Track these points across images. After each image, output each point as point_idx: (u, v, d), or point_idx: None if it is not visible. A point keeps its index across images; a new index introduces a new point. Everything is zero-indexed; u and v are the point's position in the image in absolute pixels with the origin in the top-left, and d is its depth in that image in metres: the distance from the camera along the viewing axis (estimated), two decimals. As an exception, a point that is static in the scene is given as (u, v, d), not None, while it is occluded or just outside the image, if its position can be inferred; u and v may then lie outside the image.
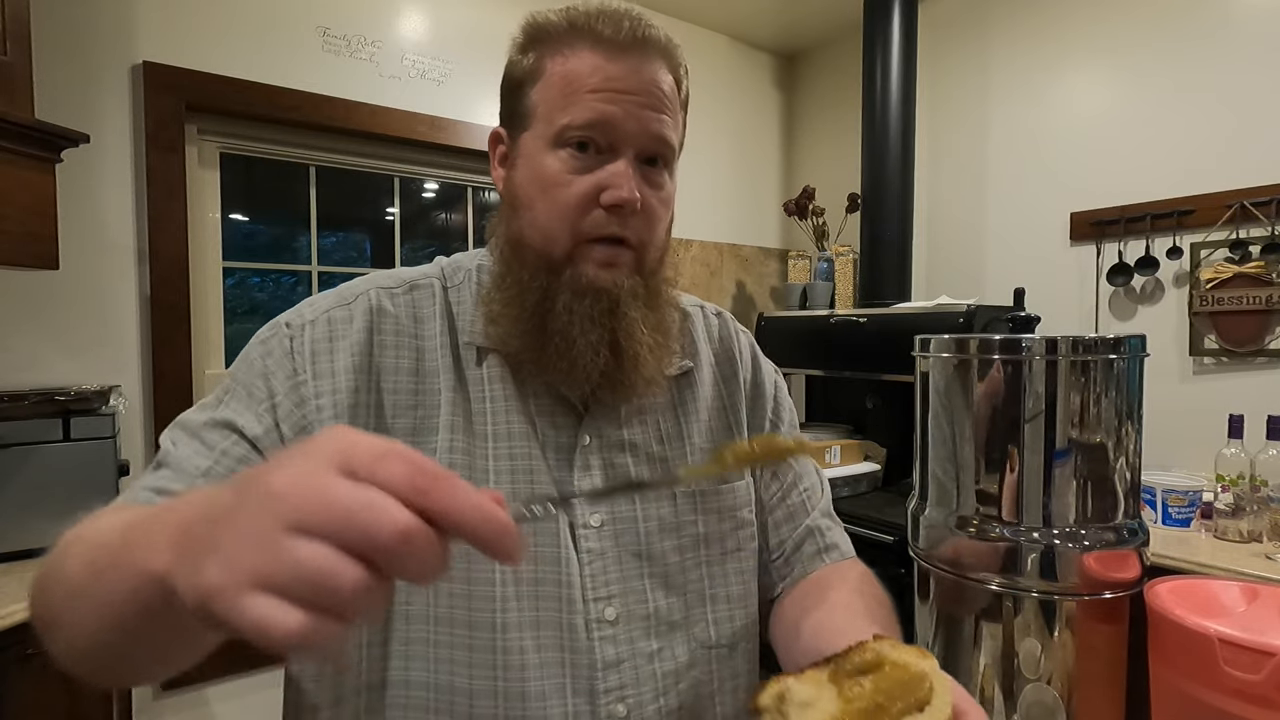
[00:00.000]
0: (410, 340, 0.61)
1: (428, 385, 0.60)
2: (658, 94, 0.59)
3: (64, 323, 1.63)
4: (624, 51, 0.58)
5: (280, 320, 0.60)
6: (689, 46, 3.04)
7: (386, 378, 0.59)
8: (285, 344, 0.58)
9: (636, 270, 0.61)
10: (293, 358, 0.57)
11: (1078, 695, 1.30)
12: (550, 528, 0.59)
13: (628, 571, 0.61)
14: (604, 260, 0.59)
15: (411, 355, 0.60)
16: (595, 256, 0.59)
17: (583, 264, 0.59)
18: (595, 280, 0.59)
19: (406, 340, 0.61)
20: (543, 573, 0.58)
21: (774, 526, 0.73)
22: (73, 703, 1.30)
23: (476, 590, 0.56)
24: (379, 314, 0.61)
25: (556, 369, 0.59)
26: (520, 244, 0.60)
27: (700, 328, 0.74)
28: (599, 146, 0.58)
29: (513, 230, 0.61)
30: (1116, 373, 1.30)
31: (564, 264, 0.59)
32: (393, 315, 0.61)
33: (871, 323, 2.19)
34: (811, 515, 0.73)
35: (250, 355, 0.58)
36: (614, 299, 0.59)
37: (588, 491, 0.62)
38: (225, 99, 1.82)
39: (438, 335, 0.61)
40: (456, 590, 0.56)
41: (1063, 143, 2.23)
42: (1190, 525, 1.70)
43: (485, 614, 0.55)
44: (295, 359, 0.57)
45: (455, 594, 0.56)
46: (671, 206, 0.64)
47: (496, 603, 0.56)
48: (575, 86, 0.57)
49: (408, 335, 0.61)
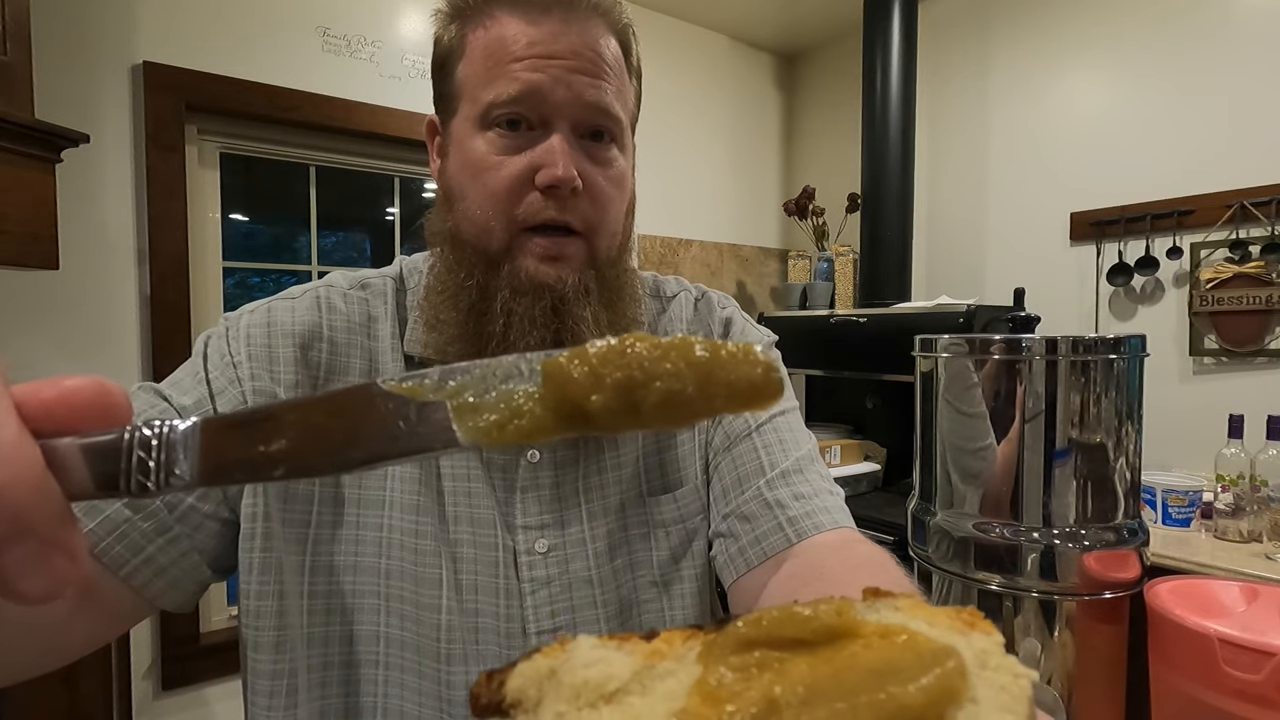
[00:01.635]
0: (362, 341, 0.57)
1: None
2: (591, 57, 0.51)
3: (64, 323, 1.63)
4: (547, 12, 0.51)
5: (221, 318, 0.57)
6: (689, 46, 3.02)
7: (335, 378, 0.55)
8: (221, 335, 0.55)
9: (590, 263, 0.54)
10: (227, 343, 0.54)
11: (1078, 695, 1.30)
12: (490, 556, 0.54)
13: (579, 600, 0.56)
14: (547, 253, 0.52)
15: (363, 357, 0.56)
16: (536, 249, 0.52)
17: (522, 258, 0.52)
18: (536, 276, 0.52)
19: (358, 340, 0.57)
20: (482, 604, 0.54)
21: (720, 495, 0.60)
22: (73, 702, 1.30)
23: (424, 616, 0.53)
24: (328, 310, 0.56)
25: None
26: (456, 240, 0.54)
27: (680, 316, 0.67)
28: (530, 122, 0.51)
29: (448, 225, 0.55)
30: (1116, 373, 1.30)
31: (502, 258, 0.52)
32: (343, 313, 0.57)
33: (871, 323, 2.19)
34: (768, 475, 0.58)
35: (192, 352, 0.55)
36: (558, 296, 0.52)
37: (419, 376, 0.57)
38: (225, 99, 1.82)
39: (388, 338, 0.57)
40: (406, 611, 0.53)
41: (1063, 143, 2.23)
42: (1190, 525, 1.70)
43: (430, 641, 0.53)
44: (230, 344, 0.53)
45: (405, 615, 0.53)
46: (626, 186, 0.57)
47: (441, 631, 0.53)
48: (498, 58, 0.51)
49: (359, 335, 0.57)
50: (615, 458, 0.60)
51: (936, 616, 0.20)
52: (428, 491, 0.55)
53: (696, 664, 0.19)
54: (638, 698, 0.18)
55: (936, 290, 2.54)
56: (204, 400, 0.51)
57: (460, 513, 0.55)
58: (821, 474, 0.60)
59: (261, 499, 0.52)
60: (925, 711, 0.15)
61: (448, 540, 0.54)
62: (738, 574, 0.56)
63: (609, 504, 0.59)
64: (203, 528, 0.50)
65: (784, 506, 0.56)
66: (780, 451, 0.59)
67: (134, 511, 0.46)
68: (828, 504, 0.57)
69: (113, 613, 0.47)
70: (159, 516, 0.48)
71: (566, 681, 0.19)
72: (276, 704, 0.52)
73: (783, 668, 0.18)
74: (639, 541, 0.60)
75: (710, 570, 0.62)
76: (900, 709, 0.15)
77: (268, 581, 0.52)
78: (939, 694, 0.15)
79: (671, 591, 0.60)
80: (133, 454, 0.21)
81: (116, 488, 0.21)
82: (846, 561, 0.51)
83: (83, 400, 0.21)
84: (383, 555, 0.54)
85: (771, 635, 0.19)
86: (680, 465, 0.62)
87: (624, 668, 0.19)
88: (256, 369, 0.53)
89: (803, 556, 0.53)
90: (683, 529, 0.61)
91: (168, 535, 0.48)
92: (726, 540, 0.58)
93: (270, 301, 0.56)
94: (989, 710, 0.15)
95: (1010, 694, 0.16)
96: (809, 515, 0.55)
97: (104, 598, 0.46)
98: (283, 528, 0.52)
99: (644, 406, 0.20)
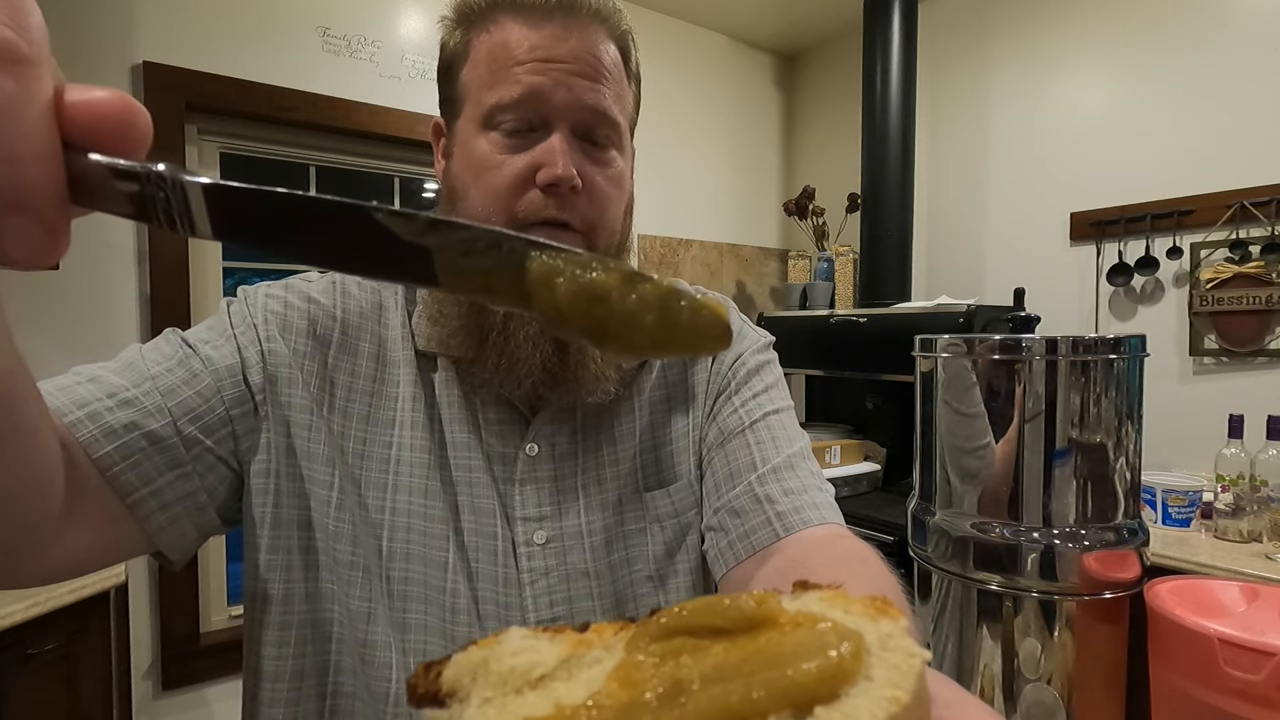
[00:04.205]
0: (373, 326, 0.59)
1: (388, 375, 0.58)
2: (591, 62, 0.53)
3: (64, 323, 1.63)
4: (548, 17, 0.53)
5: (240, 289, 0.59)
6: (689, 46, 3.02)
7: (345, 358, 0.57)
8: (241, 301, 0.57)
9: None
10: (247, 307, 0.56)
11: (1078, 695, 1.30)
12: (491, 545, 0.56)
13: (576, 591, 0.58)
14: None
15: (373, 342, 0.59)
16: None
17: None
18: None
19: (369, 325, 0.59)
20: (484, 590, 0.55)
21: (712, 490, 0.61)
22: (73, 702, 1.30)
23: (431, 595, 0.54)
24: (342, 294, 0.59)
25: (496, 367, 0.55)
26: None
27: None
28: (531, 124, 0.53)
29: None
30: (1116, 373, 1.30)
31: None
32: (356, 299, 0.59)
33: (871, 323, 2.20)
34: (760, 471, 0.59)
35: (216, 312, 0.58)
36: None
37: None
38: (225, 99, 1.82)
39: (398, 327, 0.59)
40: (413, 593, 0.54)
41: (1063, 143, 2.23)
42: (1190, 525, 1.70)
43: (437, 621, 0.54)
44: (250, 308, 0.56)
45: (411, 595, 0.54)
46: (625, 187, 0.59)
47: (447, 613, 0.54)
48: (501, 62, 0.53)
49: (370, 321, 0.59)
50: (613, 454, 0.62)
51: (853, 605, 0.21)
52: (435, 475, 0.56)
53: (622, 652, 0.20)
54: (562, 683, 0.19)
55: (936, 290, 2.54)
56: (233, 355, 0.53)
57: (463, 501, 0.56)
58: (812, 471, 0.60)
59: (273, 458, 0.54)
60: (818, 688, 0.16)
61: (455, 526, 0.56)
62: (727, 567, 0.57)
63: (606, 499, 0.60)
64: (214, 470, 0.51)
65: (773, 502, 0.56)
66: (773, 448, 0.60)
67: (150, 443, 0.47)
68: (816, 500, 0.57)
69: (107, 534, 0.46)
70: (174, 452, 0.49)
71: (495, 669, 0.20)
72: (285, 653, 0.54)
73: (698, 653, 0.18)
74: (635, 536, 0.61)
75: (704, 563, 0.63)
76: (794, 686, 0.16)
77: (279, 536, 0.54)
78: (832, 672, 0.16)
79: (667, 585, 0.62)
80: (151, 177, 0.23)
81: (130, 208, 0.23)
82: (830, 556, 0.51)
83: (108, 109, 0.23)
84: (393, 536, 0.55)
85: (692, 624, 0.20)
86: (675, 460, 0.63)
87: (551, 656, 0.20)
88: (272, 332, 0.55)
89: (789, 551, 0.53)
90: (677, 523, 0.62)
91: (179, 470, 0.49)
92: (717, 534, 0.59)
93: (288, 279, 0.59)
94: (880, 686, 0.16)
95: (901, 671, 0.17)
96: (797, 511, 0.56)
97: (102, 514, 0.46)
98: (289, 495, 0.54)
99: (609, 325, 0.23)
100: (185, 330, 0.55)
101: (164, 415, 0.48)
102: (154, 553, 0.50)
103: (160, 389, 0.49)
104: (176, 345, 0.53)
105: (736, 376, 0.65)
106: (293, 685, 0.54)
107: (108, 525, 0.46)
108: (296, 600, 0.54)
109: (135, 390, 0.48)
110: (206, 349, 0.53)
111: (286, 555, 0.54)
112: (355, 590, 0.54)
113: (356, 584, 0.54)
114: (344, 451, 0.56)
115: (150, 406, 0.48)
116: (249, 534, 0.54)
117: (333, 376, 0.57)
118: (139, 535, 0.48)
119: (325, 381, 0.56)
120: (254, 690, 0.55)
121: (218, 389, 0.52)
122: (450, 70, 0.58)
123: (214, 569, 1.89)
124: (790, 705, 0.16)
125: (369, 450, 0.56)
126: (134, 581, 1.73)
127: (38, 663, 1.23)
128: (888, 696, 0.16)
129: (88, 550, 0.45)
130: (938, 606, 1.46)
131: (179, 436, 0.49)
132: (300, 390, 0.55)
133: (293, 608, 0.54)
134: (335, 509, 0.55)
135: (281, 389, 0.54)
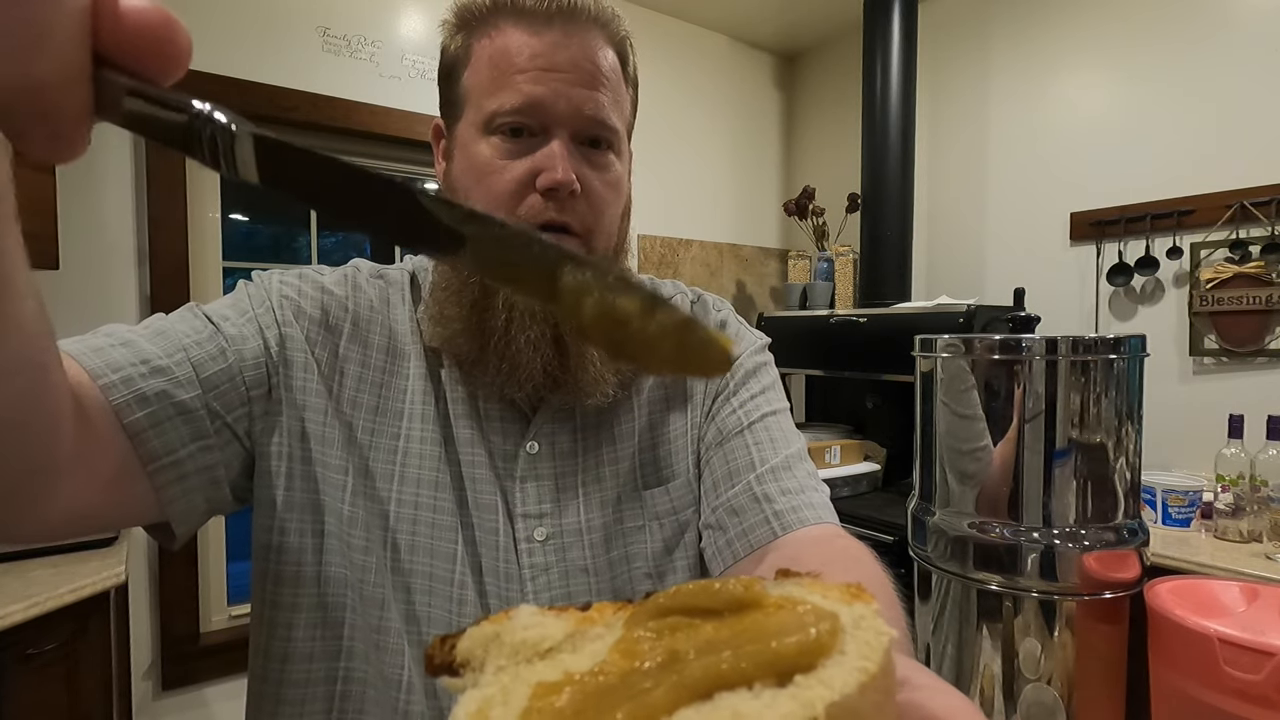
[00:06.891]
0: (382, 319, 0.60)
1: (398, 368, 0.59)
2: (590, 69, 0.54)
3: (64, 323, 1.61)
4: (548, 23, 0.54)
5: (254, 273, 0.60)
6: (689, 46, 3.03)
7: (355, 347, 0.58)
8: (256, 284, 0.58)
9: None
10: (263, 290, 0.58)
11: (1078, 695, 1.30)
12: (493, 540, 0.57)
13: (575, 587, 0.58)
14: None
15: (383, 334, 0.60)
16: None
17: None
18: None
19: (379, 318, 0.60)
20: (489, 585, 0.56)
21: (710, 488, 0.62)
22: (73, 702, 1.30)
23: (438, 588, 0.55)
24: (354, 287, 0.60)
25: (498, 369, 0.56)
26: None
27: None
28: (531, 129, 0.54)
29: None
30: (1116, 373, 1.30)
31: None
32: (367, 294, 0.61)
33: (871, 323, 2.20)
34: (758, 471, 0.59)
35: (234, 291, 0.59)
36: None
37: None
38: (225, 99, 1.82)
39: (407, 322, 0.60)
40: (417, 585, 0.55)
41: (1063, 143, 2.23)
42: (1190, 525, 1.70)
43: (442, 613, 0.55)
44: (266, 291, 0.58)
45: (415, 588, 0.55)
46: (622, 191, 0.60)
47: (454, 604, 0.55)
48: (502, 68, 0.54)
49: (380, 314, 0.60)
50: (613, 452, 0.62)
51: (830, 591, 0.23)
52: (445, 469, 0.57)
53: (622, 629, 0.22)
54: (569, 654, 0.21)
55: (936, 290, 2.54)
56: (254, 336, 0.54)
57: (467, 495, 0.57)
58: (809, 471, 0.61)
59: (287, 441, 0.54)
60: (798, 659, 0.18)
61: (463, 519, 0.57)
62: (725, 565, 0.58)
63: (606, 496, 0.61)
64: (231, 446, 0.52)
65: (771, 501, 0.57)
66: (770, 448, 0.61)
67: (178, 412, 0.48)
68: (813, 500, 0.58)
69: (113, 494, 0.45)
70: (200, 424, 0.49)
71: (507, 641, 0.22)
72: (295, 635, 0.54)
73: (691, 630, 0.20)
74: (634, 533, 0.62)
75: (702, 560, 0.64)
76: (777, 657, 0.18)
77: (291, 519, 0.54)
78: (811, 647, 0.19)
79: (665, 581, 0.62)
80: (194, 109, 0.24)
81: (170, 136, 0.24)
82: (825, 554, 0.52)
83: (146, 23, 0.23)
84: (399, 527, 0.56)
85: (686, 605, 0.21)
86: (673, 459, 0.64)
87: (558, 630, 0.22)
88: (287, 317, 0.56)
89: (785, 549, 0.54)
90: (675, 521, 0.63)
91: (202, 442, 0.49)
92: (715, 532, 0.60)
93: (301, 269, 0.61)
94: (852, 658, 0.19)
95: (871, 646, 0.19)
96: (794, 510, 0.57)
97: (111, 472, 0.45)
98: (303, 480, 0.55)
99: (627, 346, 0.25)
100: (205, 306, 0.56)
101: (194, 387, 0.49)
102: (152, 526, 0.50)
103: (191, 360, 0.50)
104: (204, 321, 0.53)
105: (735, 377, 0.66)
106: (301, 667, 0.54)
107: (115, 484, 0.45)
108: (307, 583, 0.54)
109: (168, 360, 0.48)
110: (228, 327, 0.53)
111: (299, 538, 0.54)
112: (370, 576, 0.55)
113: (371, 569, 0.55)
114: (353, 440, 0.56)
115: (181, 377, 0.48)
116: (260, 515, 0.55)
117: (343, 366, 0.57)
118: (149, 502, 0.47)
119: (335, 370, 0.57)
120: (261, 672, 0.55)
121: (240, 368, 0.52)
122: (451, 74, 0.59)
123: (214, 569, 1.89)
124: (774, 674, 0.18)
125: (377, 440, 0.57)
126: (134, 581, 1.73)
127: (38, 663, 1.23)
128: (859, 667, 0.18)
129: (90, 506, 0.44)
130: (937, 606, 1.46)
131: (206, 409, 0.49)
132: (314, 376, 0.56)
133: (303, 590, 0.54)
134: (350, 494, 0.55)
135: (296, 374, 0.55)
